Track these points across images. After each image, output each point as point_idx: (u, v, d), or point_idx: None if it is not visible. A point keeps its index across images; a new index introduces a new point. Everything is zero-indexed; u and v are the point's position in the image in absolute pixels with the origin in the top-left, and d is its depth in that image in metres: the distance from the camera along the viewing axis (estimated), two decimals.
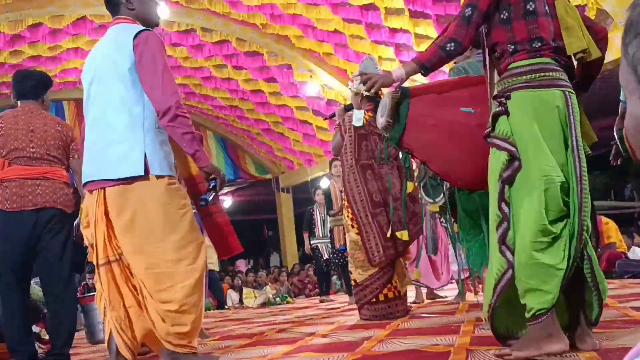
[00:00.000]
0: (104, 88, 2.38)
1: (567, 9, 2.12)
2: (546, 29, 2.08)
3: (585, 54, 2.08)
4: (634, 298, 3.61)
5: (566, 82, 2.07)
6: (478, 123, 2.24)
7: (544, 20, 2.09)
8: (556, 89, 2.03)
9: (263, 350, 2.92)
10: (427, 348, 2.38)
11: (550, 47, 2.08)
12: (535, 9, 2.09)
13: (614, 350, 1.90)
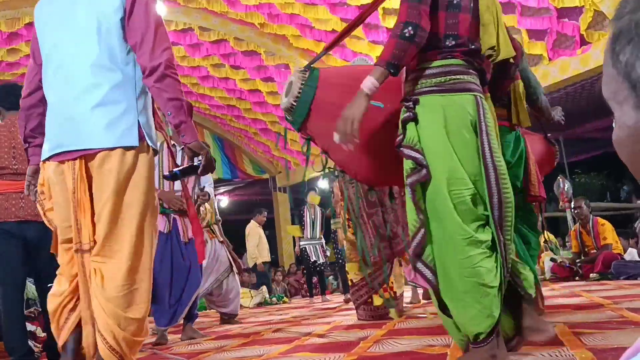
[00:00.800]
0: (84, 42, 1.96)
1: (489, 5, 1.98)
2: (465, 27, 1.93)
3: (493, 51, 1.98)
4: (629, 299, 3.62)
5: (478, 86, 1.94)
6: (386, 120, 2.12)
7: (465, 17, 1.93)
8: (468, 93, 1.90)
9: (259, 350, 2.92)
10: (423, 349, 2.38)
11: (464, 48, 1.93)
12: (459, 2, 1.92)
13: (610, 350, 1.91)
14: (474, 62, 1.96)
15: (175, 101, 1.95)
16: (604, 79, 0.57)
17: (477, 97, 1.91)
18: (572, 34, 6.45)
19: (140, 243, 1.94)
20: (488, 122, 1.90)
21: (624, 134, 0.54)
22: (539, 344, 2.20)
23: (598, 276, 6.18)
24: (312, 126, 2.26)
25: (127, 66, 1.99)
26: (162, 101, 1.95)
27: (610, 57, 0.55)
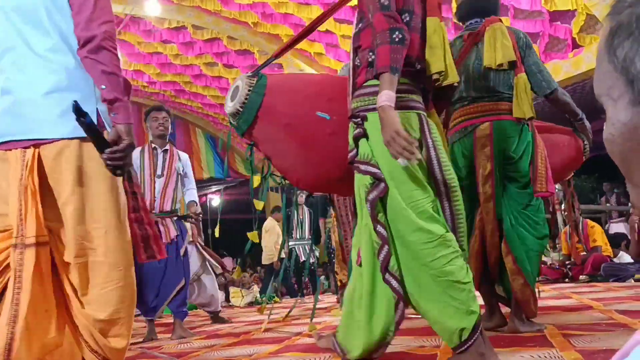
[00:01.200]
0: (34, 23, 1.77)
1: (437, 30, 2.02)
2: (414, 47, 1.97)
3: (441, 76, 2.02)
4: (618, 301, 3.65)
5: (421, 104, 2.01)
6: (332, 131, 2.14)
7: (415, 37, 1.97)
8: (412, 111, 1.96)
9: (249, 350, 2.91)
10: (414, 350, 2.38)
11: (411, 68, 1.97)
12: (409, 21, 1.95)
13: (599, 352, 1.92)
14: (419, 81, 2.02)
15: (112, 75, 1.73)
16: (597, 76, 0.56)
17: (421, 115, 1.98)
18: (564, 37, 6.49)
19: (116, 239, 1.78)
20: (434, 138, 1.98)
21: (617, 132, 0.54)
22: (528, 345, 2.21)
23: (587, 278, 6.22)
24: (258, 132, 2.26)
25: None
26: (96, 74, 1.73)
27: (607, 52, 0.54)
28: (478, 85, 2.73)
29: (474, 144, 2.69)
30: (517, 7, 6.57)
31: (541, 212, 2.73)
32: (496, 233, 2.69)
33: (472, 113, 2.73)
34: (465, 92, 2.75)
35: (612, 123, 0.54)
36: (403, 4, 1.94)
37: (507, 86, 2.71)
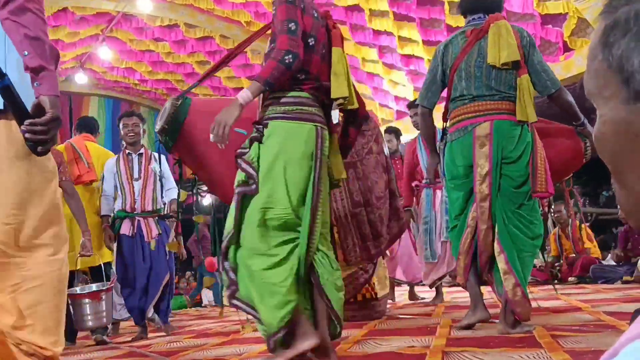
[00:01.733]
0: None
1: (340, 59, 2.28)
2: (316, 66, 2.24)
3: (346, 101, 2.25)
4: (606, 303, 3.67)
5: (321, 118, 2.23)
6: None
7: (318, 58, 2.25)
8: (309, 123, 2.18)
9: (239, 349, 2.91)
10: (403, 350, 2.38)
11: (313, 83, 2.23)
12: (314, 45, 2.24)
13: (587, 353, 1.93)
14: (321, 97, 2.26)
15: (36, 40, 1.51)
16: (589, 74, 0.56)
17: (318, 127, 2.20)
18: (556, 41, 6.52)
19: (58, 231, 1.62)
20: (324, 152, 2.21)
21: (609, 130, 0.54)
22: (517, 346, 2.22)
23: (576, 280, 6.26)
24: (182, 148, 2.51)
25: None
26: (17, 38, 1.51)
27: (602, 50, 0.53)
28: (479, 83, 2.71)
29: (473, 143, 2.69)
30: (509, 10, 6.60)
31: (536, 211, 2.73)
32: (489, 233, 2.69)
33: (473, 112, 2.72)
34: (466, 90, 2.73)
35: (603, 121, 0.54)
36: (310, 29, 2.24)
37: (508, 85, 2.69)
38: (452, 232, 2.92)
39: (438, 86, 2.89)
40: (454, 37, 2.86)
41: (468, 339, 2.54)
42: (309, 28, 2.23)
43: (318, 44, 2.26)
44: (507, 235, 2.64)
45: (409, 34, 7.63)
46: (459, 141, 2.75)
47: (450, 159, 2.82)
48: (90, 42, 9.14)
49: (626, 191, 0.54)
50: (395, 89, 8.77)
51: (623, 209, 0.56)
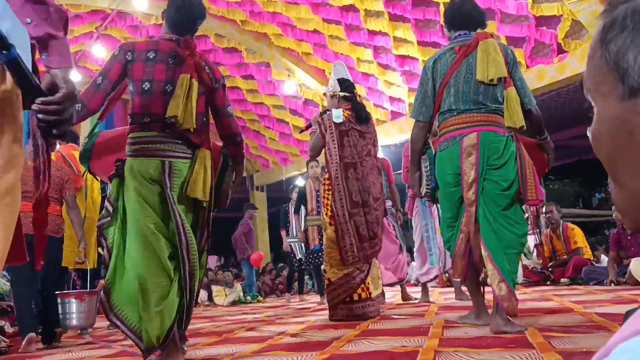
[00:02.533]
0: None
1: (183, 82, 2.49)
2: (158, 107, 2.48)
3: (175, 119, 2.47)
4: (598, 304, 3.69)
5: (172, 152, 2.52)
6: None
7: (158, 99, 2.49)
8: (156, 158, 2.48)
9: (231, 349, 2.90)
10: (396, 349, 2.39)
11: (159, 123, 2.48)
12: (150, 88, 2.50)
13: (579, 354, 1.94)
14: (172, 132, 2.51)
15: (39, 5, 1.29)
16: (588, 72, 0.56)
17: (165, 162, 2.49)
18: (550, 42, 6.55)
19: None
20: (173, 181, 2.49)
21: (604, 127, 0.54)
22: (509, 346, 2.23)
23: (569, 281, 6.29)
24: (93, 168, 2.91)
25: None
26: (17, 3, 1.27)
27: (600, 47, 0.54)
28: (467, 97, 2.87)
29: (461, 152, 2.81)
30: (503, 12, 6.62)
31: (519, 212, 2.85)
32: (478, 234, 2.81)
33: (460, 123, 2.86)
34: (455, 105, 2.88)
35: (599, 119, 0.54)
36: (143, 75, 2.50)
37: (493, 99, 2.86)
38: (447, 237, 3.03)
39: (431, 100, 3.00)
40: (443, 53, 2.99)
41: (460, 339, 2.55)
42: (140, 75, 2.50)
43: (158, 85, 2.50)
44: (492, 235, 2.73)
45: (404, 35, 7.64)
46: (448, 150, 2.89)
47: (440, 167, 2.96)
48: (84, 40, 9.10)
49: (620, 188, 0.55)
50: (389, 89, 8.78)
51: (618, 207, 0.57)
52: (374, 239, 3.98)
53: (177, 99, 2.46)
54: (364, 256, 3.93)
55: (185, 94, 2.48)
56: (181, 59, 2.57)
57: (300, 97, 10.11)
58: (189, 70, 2.54)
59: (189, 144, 2.56)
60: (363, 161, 4.05)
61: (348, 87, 4.29)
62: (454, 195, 2.89)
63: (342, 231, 3.95)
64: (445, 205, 3.00)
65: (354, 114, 4.14)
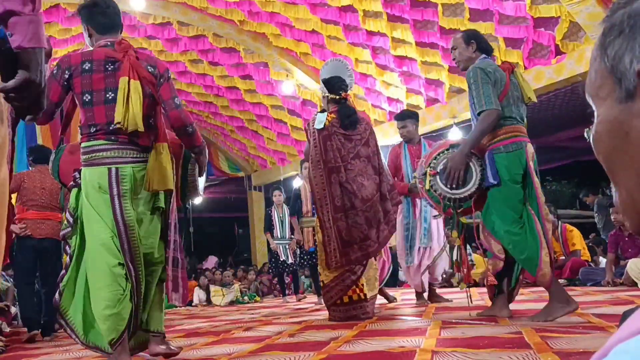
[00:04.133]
0: None
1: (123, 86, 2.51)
2: (101, 115, 2.54)
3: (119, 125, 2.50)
4: (595, 305, 3.70)
5: (120, 157, 2.55)
6: None
7: (100, 109, 2.54)
8: (103, 166, 2.53)
9: (229, 348, 2.90)
10: (394, 349, 2.39)
11: (104, 131, 2.54)
12: (91, 99, 2.55)
13: (575, 354, 1.94)
14: (119, 139, 2.56)
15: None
16: (589, 77, 0.58)
17: (112, 169, 2.53)
18: (548, 44, 6.56)
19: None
20: (123, 187, 2.53)
21: (604, 129, 0.55)
22: (506, 346, 2.23)
23: (566, 282, 6.30)
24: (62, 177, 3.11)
25: None
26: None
27: (599, 52, 0.55)
28: (517, 111, 3.25)
29: (527, 156, 3.16)
30: (501, 13, 6.63)
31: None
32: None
33: (521, 132, 3.22)
34: (514, 114, 3.22)
35: (598, 122, 0.56)
36: (82, 88, 2.54)
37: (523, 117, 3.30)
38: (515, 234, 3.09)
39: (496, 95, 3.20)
40: (496, 66, 3.28)
41: (458, 339, 2.55)
42: (80, 88, 2.55)
43: (98, 94, 2.54)
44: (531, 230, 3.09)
45: (402, 35, 7.64)
46: (517, 152, 3.15)
47: (511, 166, 3.15)
48: (82, 39, 9.08)
49: (619, 190, 0.56)
50: (387, 90, 8.78)
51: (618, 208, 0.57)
52: (366, 241, 3.94)
53: (119, 104, 2.50)
54: (347, 260, 3.90)
55: (125, 98, 2.51)
56: (119, 62, 2.58)
57: (299, 97, 10.10)
58: (125, 73, 2.55)
59: (137, 147, 2.60)
60: (349, 164, 4.01)
61: (335, 86, 4.23)
62: (519, 194, 3.13)
63: (327, 236, 3.95)
64: (509, 203, 3.12)
65: (338, 118, 4.10)
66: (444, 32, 7.25)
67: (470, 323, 3.13)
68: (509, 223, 3.09)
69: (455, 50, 3.45)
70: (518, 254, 3.10)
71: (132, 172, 2.57)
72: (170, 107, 2.69)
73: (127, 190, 2.54)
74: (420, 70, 7.91)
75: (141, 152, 2.61)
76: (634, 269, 5.35)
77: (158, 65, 2.72)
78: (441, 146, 3.40)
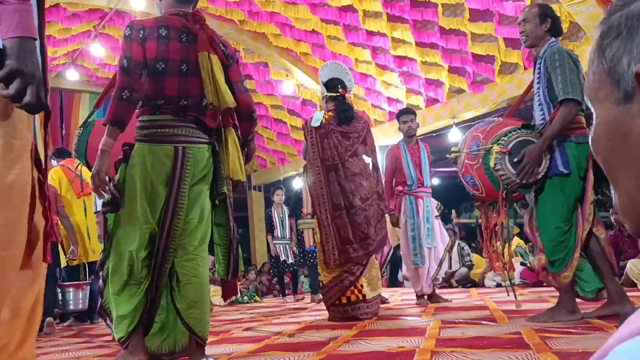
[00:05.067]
0: None
1: (204, 64, 2.33)
2: (172, 88, 2.33)
3: (212, 106, 2.35)
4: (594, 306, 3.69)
5: (185, 136, 2.35)
6: None
7: (172, 80, 2.33)
8: (169, 145, 2.32)
9: (228, 348, 2.90)
10: (393, 349, 2.39)
11: (173, 105, 2.33)
12: (164, 68, 2.32)
13: (575, 354, 1.95)
14: (187, 115, 2.36)
15: None
16: (588, 79, 0.58)
17: (179, 147, 2.33)
18: None
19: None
20: (187, 170, 2.32)
21: (603, 131, 0.55)
22: (506, 347, 2.23)
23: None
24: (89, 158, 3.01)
25: None
26: None
27: (597, 54, 0.55)
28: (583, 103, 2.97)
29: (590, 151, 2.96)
30: (501, 13, 6.63)
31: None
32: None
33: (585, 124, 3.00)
34: (583, 105, 2.91)
35: (597, 123, 0.56)
36: (157, 55, 2.31)
37: None
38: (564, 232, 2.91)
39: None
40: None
41: (457, 339, 2.55)
42: (154, 54, 2.31)
43: (173, 65, 2.33)
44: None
45: (402, 35, 7.64)
46: (585, 145, 2.89)
47: (581, 157, 2.92)
48: (82, 39, 9.08)
49: (619, 191, 0.56)
50: (387, 90, 8.78)
51: (618, 210, 0.58)
52: (365, 240, 3.94)
53: (206, 82, 2.32)
54: (346, 259, 3.90)
55: (210, 75, 2.33)
56: (193, 34, 2.37)
57: (298, 97, 10.10)
58: (204, 47, 2.36)
59: (204, 128, 2.41)
60: (346, 162, 4.02)
61: (334, 86, 4.25)
62: (578, 191, 2.92)
63: (326, 235, 3.95)
64: (567, 199, 2.91)
65: (334, 114, 4.12)
66: (444, 33, 7.25)
67: (470, 323, 3.13)
68: (561, 220, 2.90)
69: (526, 23, 3.16)
70: (555, 252, 2.92)
71: (198, 154, 2.37)
72: (239, 90, 2.52)
73: (190, 173, 2.34)
74: (420, 70, 7.91)
75: (206, 133, 2.42)
76: (633, 269, 5.35)
77: (228, 46, 2.53)
78: (499, 124, 3.14)
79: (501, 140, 3.01)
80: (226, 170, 2.41)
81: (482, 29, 6.88)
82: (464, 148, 3.17)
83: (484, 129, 3.15)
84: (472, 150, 3.10)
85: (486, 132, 3.11)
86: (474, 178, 3.14)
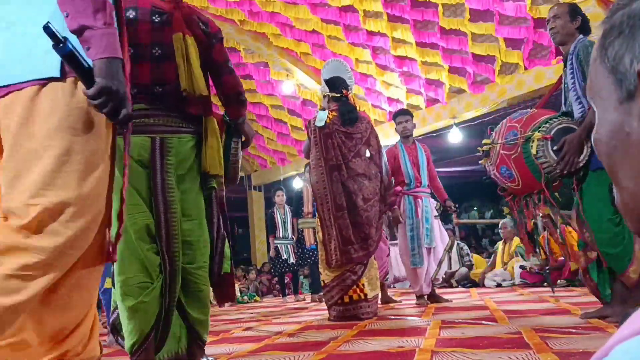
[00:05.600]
0: None
1: (179, 45, 2.16)
2: (145, 75, 2.14)
3: (187, 92, 2.17)
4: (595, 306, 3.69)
5: (165, 126, 2.17)
6: None
7: (144, 66, 2.14)
8: (145, 135, 2.13)
9: (228, 348, 2.90)
10: (393, 349, 2.39)
11: (148, 93, 2.15)
12: (134, 54, 2.05)
13: (575, 354, 1.94)
14: (165, 102, 2.18)
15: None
16: (590, 78, 0.58)
17: (156, 138, 2.15)
18: (548, 44, 6.56)
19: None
20: (168, 161, 2.15)
21: (604, 130, 0.55)
22: (506, 347, 2.23)
23: (566, 283, 6.30)
24: None
25: None
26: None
27: (599, 53, 0.55)
28: None
29: None
30: (502, 13, 6.63)
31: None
32: None
33: None
34: None
35: (600, 123, 0.56)
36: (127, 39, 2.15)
37: None
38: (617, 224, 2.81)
39: None
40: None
41: (457, 339, 2.55)
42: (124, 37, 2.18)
43: (144, 49, 2.13)
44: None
45: (403, 36, 7.64)
46: None
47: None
48: None
49: (621, 191, 0.56)
50: (388, 90, 8.78)
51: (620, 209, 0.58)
52: (367, 241, 3.95)
53: (180, 67, 2.15)
54: (347, 259, 3.90)
55: (184, 59, 2.17)
56: (168, 14, 2.18)
57: (299, 97, 10.10)
58: (178, 28, 2.17)
59: (185, 115, 2.22)
60: (350, 162, 4.02)
61: (336, 85, 4.25)
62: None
63: (328, 235, 3.96)
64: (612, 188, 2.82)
65: (338, 115, 4.12)
66: (444, 33, 7.25)
67: (470, 323, 3.13)
68: (611, 212, 2.78)
69: (557, 19, 3.08)
70: (612, 246, 2.80)
71: (179, 144, 2.19)
72: (223, 71, 2.37)
73: (172, 165, 2.16)
74: (421, 70, 7.91)
75: (188, 122, 2.23)
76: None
77: (210, 24, 2.33)
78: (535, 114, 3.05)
79: (542, 127, 2.91)
80: (203, 163, 2.24)
81: (482, 29, 6.88)
82: (499, 139, 3.06)
83: (520, 119, 3.04)
84: (509, 139, 2.99)
85: (523, 121, 3.00)
86: (511, 169, 3.02)
